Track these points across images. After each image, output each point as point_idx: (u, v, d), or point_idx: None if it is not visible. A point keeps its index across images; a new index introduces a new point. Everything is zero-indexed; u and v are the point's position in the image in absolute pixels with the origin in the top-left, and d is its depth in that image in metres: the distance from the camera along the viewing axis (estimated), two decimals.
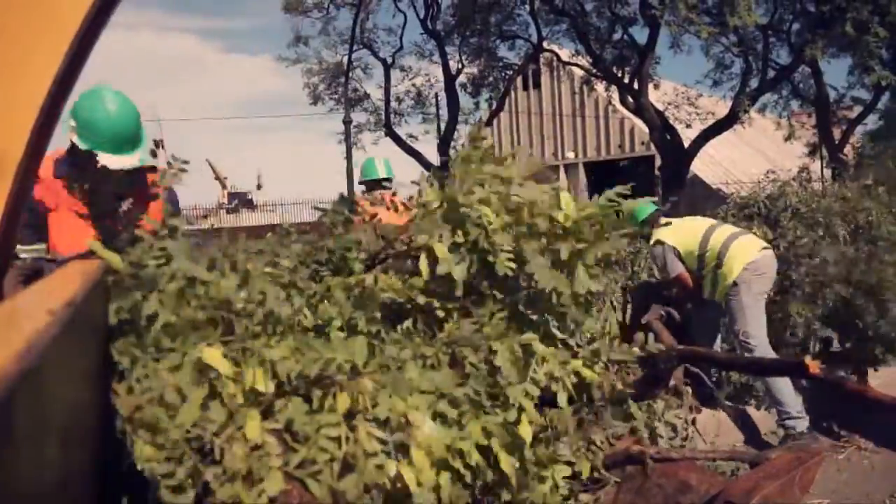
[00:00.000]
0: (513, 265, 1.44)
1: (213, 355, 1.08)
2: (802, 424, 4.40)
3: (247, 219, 28.94)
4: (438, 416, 1.14)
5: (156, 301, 1.16)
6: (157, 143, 1.74)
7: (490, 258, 1.44)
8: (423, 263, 1.47)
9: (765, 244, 5.01)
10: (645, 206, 5.32)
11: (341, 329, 1.35)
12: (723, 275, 4.74)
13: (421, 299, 1.47)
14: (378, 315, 1.45)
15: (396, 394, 1.10)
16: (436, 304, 1.49)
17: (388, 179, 5.44)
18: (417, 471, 1.01)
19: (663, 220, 5.27)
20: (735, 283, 4.67)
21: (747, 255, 4.72)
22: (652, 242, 5.09)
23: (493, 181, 1.49)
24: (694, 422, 2.56)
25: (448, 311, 1.52)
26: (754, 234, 5.52)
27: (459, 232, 1.45)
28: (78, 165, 2.36)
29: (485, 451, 1.18)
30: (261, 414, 1.07)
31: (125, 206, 1.64)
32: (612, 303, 5.76)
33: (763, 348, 4.57)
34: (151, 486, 0.98)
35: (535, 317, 1.53)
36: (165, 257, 1.23)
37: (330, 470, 1.05)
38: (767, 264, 4.79)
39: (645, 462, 1.67)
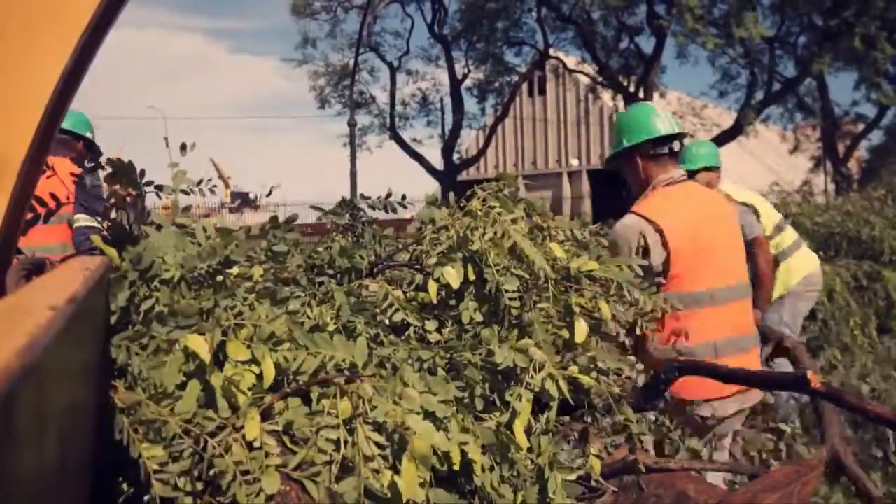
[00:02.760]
0: (518, 305, 1.49)
1: (197, 342, 1.08)
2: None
3: (249, 218, 29.01)
4: (434, 421, 1.14)
5: (151, 293, 1.17)
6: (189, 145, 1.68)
7: (496, 295, 1.50)
8: (433, 288, 1.51)
9: (818, 259, 4.58)
10: (709, 152, 4.47)
11: (338, 331, 1.35)
12: (779, 277, 4.29)
13: (417, 319, 1.51)
14: (377, 319, 1.46)
15: (394, 398, 1.10)
16: (433, 321, 1.54)
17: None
18: (408, 481, 1.01)
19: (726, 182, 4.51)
20: (782, 294, 4.31)
21: (809, 266, 4.34)
22: (738, 199, 4.26)
23: (512, 231, 1.54)
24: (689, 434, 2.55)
25: (444, 321, 1.57)
26: None
27: (469, 267, 1.50)
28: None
29: (479, 455, 1.18)
30: (260, 415, 1.08)
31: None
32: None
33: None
34: (150, 482, 0.98)
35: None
36: (160, 250, 1.23)
37: (328, 472, 1.05)
38: (819, 282, 4.45)
39: (643, 472, 1.67)
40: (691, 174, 3.70)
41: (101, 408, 1.00)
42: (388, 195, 1.97)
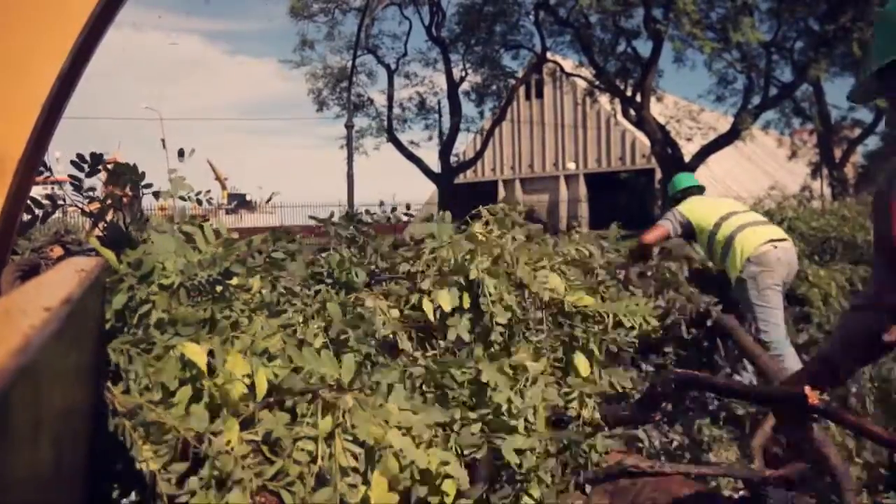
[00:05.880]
0: (505, 338, 1.55)
1: (194, 351, 1.08)
2: None
3: (246, 220, 28.99)
4: (417, 438, 1.14)
5: (149, 298, 1.17)
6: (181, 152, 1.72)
7: (488, 324, 1.52)
8: (428, 308, 1.54)
9: (775, 236, 4.68)
10: (685, 179, 5.47)
11: (325, 346, 1.35)
12: (731, 264, 4.59)
13: (410, 338, 1.53)
14: (370, 334, 1.47)
15: (378, 416, 1.10)
16: (426, 338, 1.56)
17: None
18: (378, 495, 1.01)
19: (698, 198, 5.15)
20: (741, 279, 4.51)
21: (750, 248, 4.51)
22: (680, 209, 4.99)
23: (510, 261, 1.57)
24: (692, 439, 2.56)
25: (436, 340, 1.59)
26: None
27: (465, 294, 1.53)
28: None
29: (460, 472, 1.18)
30: (241, 424, 1.07)
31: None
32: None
33: (779, 343, 4.39)
34: (149, 482, 0.98)
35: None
36: (160, 255, 1.23)
37: (302, 483, 1.04)
38: (776, 258, 4.52)
39: (638, 475, 1.67)
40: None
41: (96, 408, 1.00)
42: (393, 209, 1.99)
